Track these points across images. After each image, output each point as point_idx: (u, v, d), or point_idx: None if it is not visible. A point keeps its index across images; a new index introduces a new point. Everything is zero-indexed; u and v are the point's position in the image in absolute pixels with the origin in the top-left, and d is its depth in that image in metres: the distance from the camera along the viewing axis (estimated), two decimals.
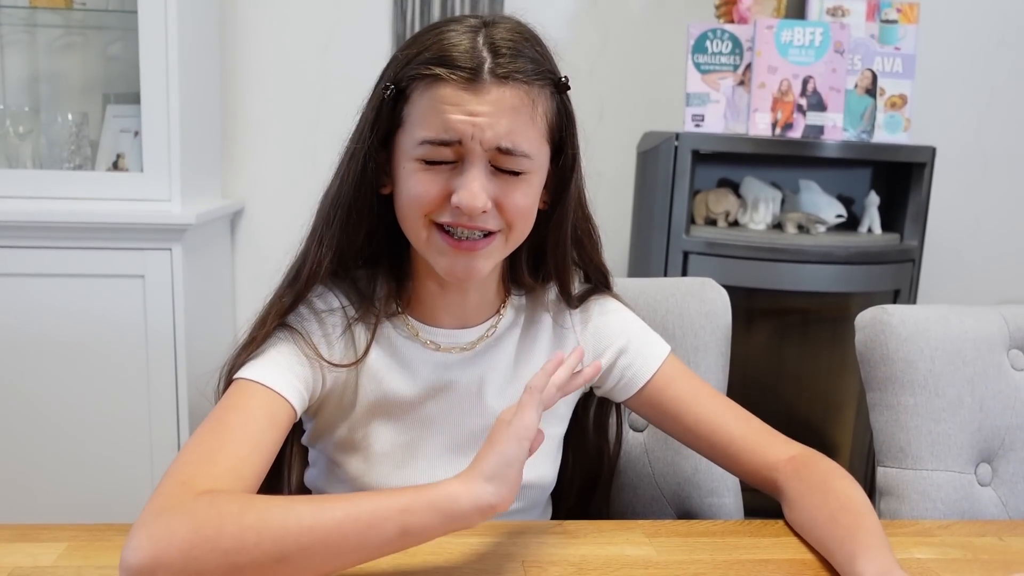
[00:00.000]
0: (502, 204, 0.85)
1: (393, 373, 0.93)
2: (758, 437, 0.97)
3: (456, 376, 0.95)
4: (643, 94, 2.43)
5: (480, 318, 0.96)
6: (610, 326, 1.01)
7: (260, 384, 0.84)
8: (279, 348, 0.88)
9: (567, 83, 0.88)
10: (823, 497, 0.88)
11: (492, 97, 0.81)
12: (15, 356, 1.95)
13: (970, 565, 0.87)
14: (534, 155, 0.85)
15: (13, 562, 0.79)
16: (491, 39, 0.83)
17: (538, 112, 0.85)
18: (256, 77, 2.37)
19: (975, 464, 1.07)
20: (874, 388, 1.07)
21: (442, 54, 0.82)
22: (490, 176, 0.84)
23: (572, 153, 0.91)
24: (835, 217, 2.10)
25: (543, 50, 0.87)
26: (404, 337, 0.94)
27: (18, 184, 1.97)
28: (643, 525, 0.93)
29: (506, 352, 0.97)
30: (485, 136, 0.82)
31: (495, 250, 0.88)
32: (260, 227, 2.41)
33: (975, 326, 1.09)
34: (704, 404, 0.98)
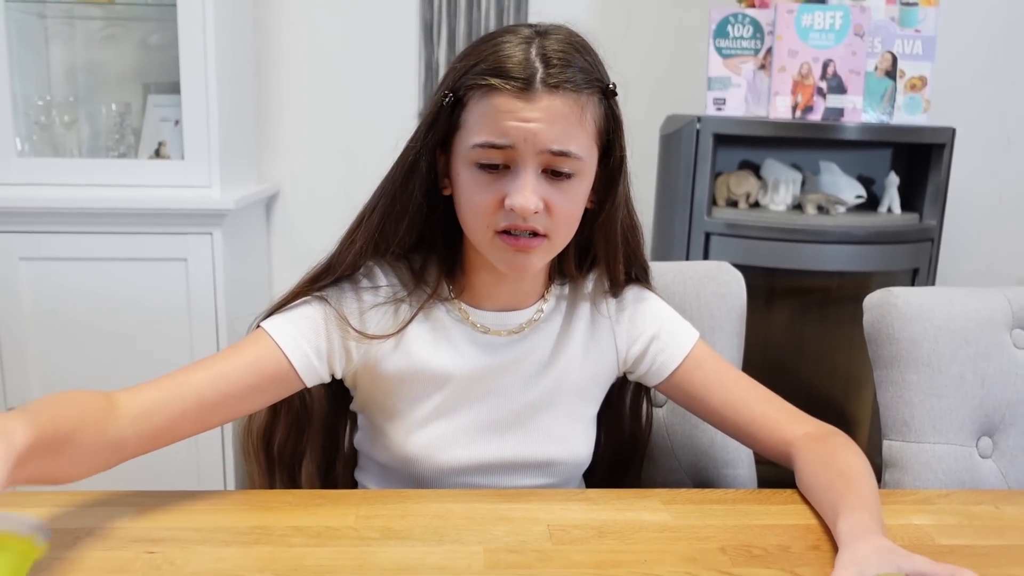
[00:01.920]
0: (551, 207, 0.91)
1: (436, 350, 1.01)
2: (778, 415, 1.03)
3: (500, 357, 1.02)
4: (666, 78, 2.48)
5: (526, 304, 1.04)
6: (644, 314, 1.07)
7: (267, 334, 0.95)
8: (302, 311, 0.97)
9: (615, 90, 0.94)
10: (825, 465, 0.95)
11: (544, 104, 0.88)
12: (65, 337, 2.06)
13: (965, 531, 0.93)
14: (584, 157, 0.91)
15: (91, 523, 0.88)
16: (543, 50, 0.89)
17: (587, 118, 0.91)
18: (288, 65, 2.45)
19: (976, 438, 1.13)
20: (880, 366, 1.13)
21: (497, 65, 0.89)
22: (541, 180, 0.91)
23: (620, 155, 0.97)
24: (855, 198, 2.14)
25: (592, 59, 0.93)
26: (454, 319, 1.02)
27: (65, 172, 2.06)
28: (660, 493, 1.00)
29: (547, 337, 1.04)
30: (537, 140, 0.88)
31: (544, 251, 0.95)
32: (294, 210, 2.50)
33: (979, 307, 1.14)
34: (729, 386, 1.05)
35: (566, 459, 1.05)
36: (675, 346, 1.06)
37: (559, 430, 1.04)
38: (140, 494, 0.95)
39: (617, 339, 1.07)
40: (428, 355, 1.01)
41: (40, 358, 2.06)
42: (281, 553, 0.83)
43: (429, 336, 1.01)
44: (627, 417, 1.16)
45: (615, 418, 1.16)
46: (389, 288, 1.01)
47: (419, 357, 1.00)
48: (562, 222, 0.93)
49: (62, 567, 0.79)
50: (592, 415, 1.09)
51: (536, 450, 1.04)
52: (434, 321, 1.02)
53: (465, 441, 1.02)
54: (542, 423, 1.04)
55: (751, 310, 1.25)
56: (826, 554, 0.86)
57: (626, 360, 1.08)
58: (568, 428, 1.05)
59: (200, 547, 0.84)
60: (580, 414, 1.06)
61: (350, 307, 0.99)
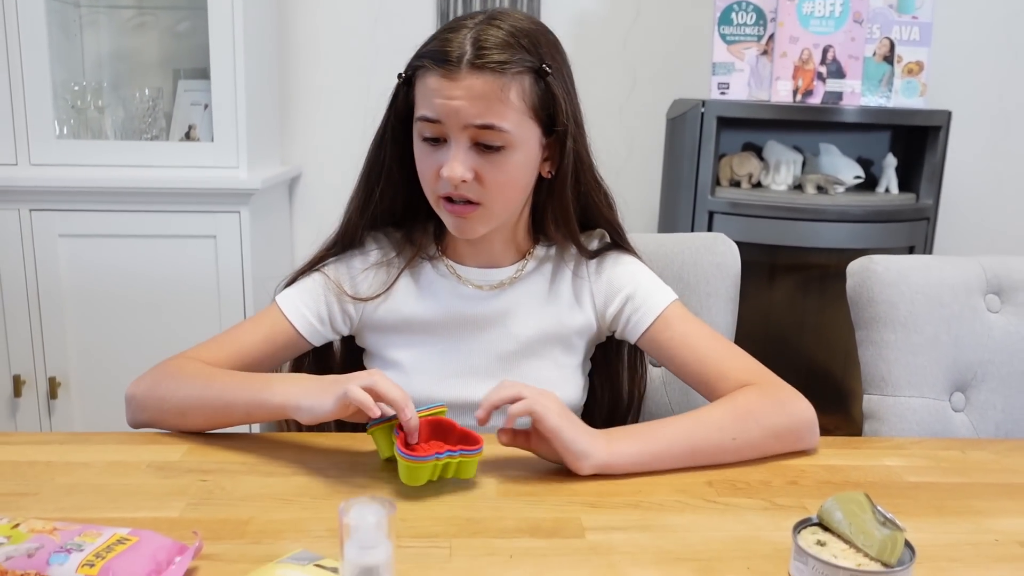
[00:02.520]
0: (481, 177, 1.02)
1: (423, 302, 1.13)
2: (741, 375, 1.08)
3: (484, 309, 1.13)
4: (672, 64, 2.57)
5: (507, 261, 1.15)
6: (620, 276, 1.16)
7: (277, 306, 1.13)
8: (305, 284, 1.14)
9: (547, 70, 1.02)
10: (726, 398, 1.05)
11: (466, 84, 0.99)
12: (102, 309, 2.17)
13: (932, 471, 1.03)
14: (511, 131, 1.01)
15: (149, 458, 0.99)
16: (480, 35, 1.00)
17: (511, 95, 1.00)
18: (311, 50, 2.56)
19: (949, 393, 1.23)
20: (861, 327, 1.23)
21: (435, 49, 1.01)
22: (472, 152, 1.02)
23: (563, 129, 1.05)
24: (853, 178, 2.23)
25: (533, 43, 1.02)
26: (440, 275, 1.14)
27: (101, 154, 2.18)
28: None
29: (530, 293, 1.15)
30: (460, 116, 0.99)
31: (482, 217, 1.06)
32: (316, 191, 2.61)
33: (954, 273, 1.24)
34: (694, 345, 1.11)
35: None
36: (648, 307, 1.14)
37: (544, 377, 1.14)
38: (190, 436, 1.06)
39: (595, 299, 1.16)
40: (415, 307, 1.13)
41: (78, 329, 2.18)
42: (318, 483, 0.94)
43: (416, 291, 1.14)
44: (621, 373, 1.26)
45: (610, 374, 1.26)
46: (379, 252, 1.15)
47: (408, 310, 1.13)
48: (495, 191, 1.03)
49: (129, 492, 0.91)
50: (577, 365, 1.18)
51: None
52: (421, 277, 1.15)
53: (457, 385, 1.12)
54: (528, 371, 1.14)
55: (752, 287, 1.34)
56: (804, 488, 0.96)
57: (605, 318, 1.17)
58: (552, 375, 1.15)
59: (246, 477, 0.95)
60: (564, 363, 1.16)
61: (344, 274, 1.14)
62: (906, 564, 0.73)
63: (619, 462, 0.96)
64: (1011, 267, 1.26)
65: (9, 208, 2.10)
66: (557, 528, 0.85)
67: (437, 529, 0.84)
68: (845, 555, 0.74)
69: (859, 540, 0.75)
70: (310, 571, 0.71)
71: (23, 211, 2.11)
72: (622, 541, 0.83)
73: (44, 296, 2.15)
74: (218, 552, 0.79)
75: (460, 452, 0.91)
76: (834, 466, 1.03)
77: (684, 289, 1.31)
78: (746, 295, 1.39)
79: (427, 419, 0.95)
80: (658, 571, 0.77)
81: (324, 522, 0.85)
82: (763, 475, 0.99)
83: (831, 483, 0.98)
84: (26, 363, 2.18)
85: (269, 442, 1.06)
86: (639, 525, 0.86)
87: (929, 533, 0.86)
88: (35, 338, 2.17)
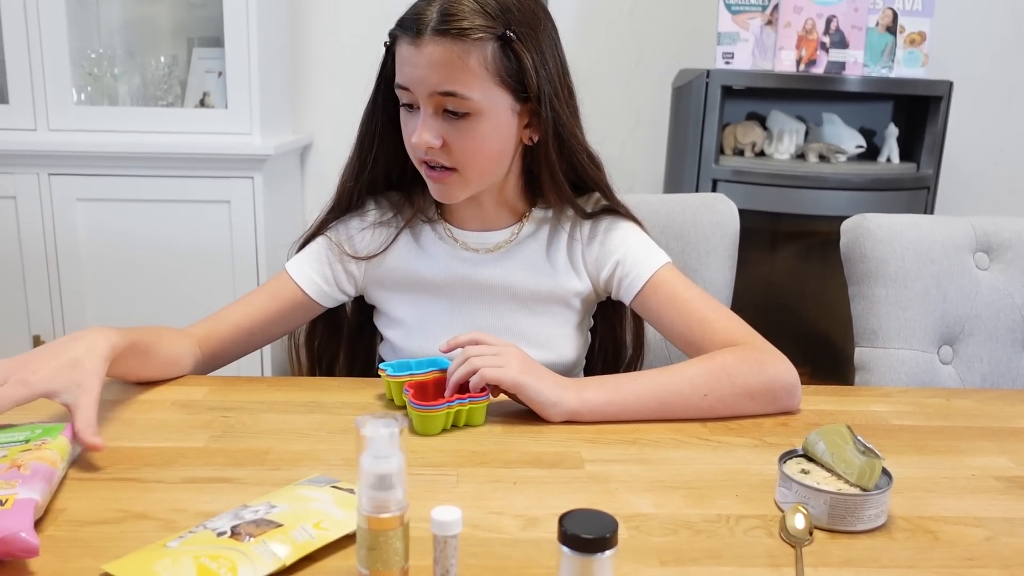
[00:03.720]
0: (449, 143, 1.05)
1: (422, 262, 1.17)
2: (724, 337, 1.09)
3: (482, 271, 1.17)
4: (678, 34, 2.60)
5: (501, 224, 1.18)
6: (613, 240, 1.18)
7: (286, 272, 1.18)
8: (310, 248, 1.19)
9: (512, 37, 1.03)
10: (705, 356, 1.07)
11: (428, 51, 1.01)
12: (118, 271, 2.23)
13: (915, 416, 1.08)
14: (476, 99, 1.02)
15: (173, 396, 1.05)
16: (448, 3, 1.02)
17: (472, 62, 1.01)
18: (323, 19, 2.59)
19: (938, 346, 1.28)
20: (854, 282, 1.28)
21: (407, 16, 1.05)
22: (440, 119, 1.05)
23: (535, 95, 1.06)
24: (855, 148, 2.27)
25: (500, 9, 1.03)
26: (438, 236, 1.18)
27: (118, 120, 2.23)
28: None
29: (527, 256, 1.18)
30: (424, 84, 1.03)
31: (458, 183, 1.09)
32: (327, 159, 2.66)
33: (944, 232, 1.29)
34: (689, 308, 1.12)
35: (552, 362, 1.15)
36: (638, 271, 1.15)
37: (543, 337, 1.18)
38: (211, 379, 1.12)
39: (587, 262, 1.19)
40: (416, 266, 1.18)
41: (95, 291, 2.25)
42: (333, 419, 1.00)
43: (417, 250, 1.18)
44: (622, 330, 1.30)
45: (612, 331, 1.30)
46: (377, 212, 1.19)
47: (409, 268, 1.18)
48: (466, 157, 1.06)
49: (155, 425, 0.97)
50: (576, 323, 1.22)
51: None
52: (422, 238, 1.19)
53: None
54: (527, 329, 1.18)
55: (755, 254, 1.39)
56: (792, 428, 1.02)
57: (599, 282, 1.20)
58: (551, 333, 1.19)
59: (266, 414, 1.01)
60: (563, 322, 1.20)
61: (343, 235, 1.18)
62: (883, 489, 0.78)
63: (588, 409, 1.00)
64: (1000, 226, 1.30)
65: (29, 172, 2.16)
66: (558, 460, 0.90)
67: (445, 460, 0.90)
68: (827, 482, 0.80)
69: (840, 468, 0.81)
70: (327, 491, 0.77)
71: (42, 175, 2.16)
72: (619, 471, 0.88)
73: (63, 258, 2.21)
74: (240, 476, 0.84)
75: (469, 400, 0.97)
76: (822, 411, 1.08)
77: (684, 247, 1.36)
78: (748, 262, 1.43)
79: (437, 377, 1.01)
80: (653, 497, 0.83)
81: (339, 453, 0.91)
82: (755, 418, 1.04)
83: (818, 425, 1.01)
84: (45, 323, 2.24)
85: (285, 384, 1.12)
86: (636, 459, 0.92)
87: (909, 468, 0.91)
88: (54, 299, 2.23)
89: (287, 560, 0.67)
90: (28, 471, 0.75)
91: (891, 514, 0.80)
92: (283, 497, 0.75)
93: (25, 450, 0.80)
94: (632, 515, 0.79)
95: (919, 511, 0.82)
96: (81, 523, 0.75)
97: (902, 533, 0.77)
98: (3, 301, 2.23)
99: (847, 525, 0.76)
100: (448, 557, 0.65)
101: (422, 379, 1.01)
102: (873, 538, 0.76)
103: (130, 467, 0.85)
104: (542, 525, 0.77)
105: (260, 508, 0.73)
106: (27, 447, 0.81)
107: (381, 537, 0.63)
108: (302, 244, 1.21)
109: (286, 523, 0.70)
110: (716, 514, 0.80)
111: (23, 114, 2.18)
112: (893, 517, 0.80)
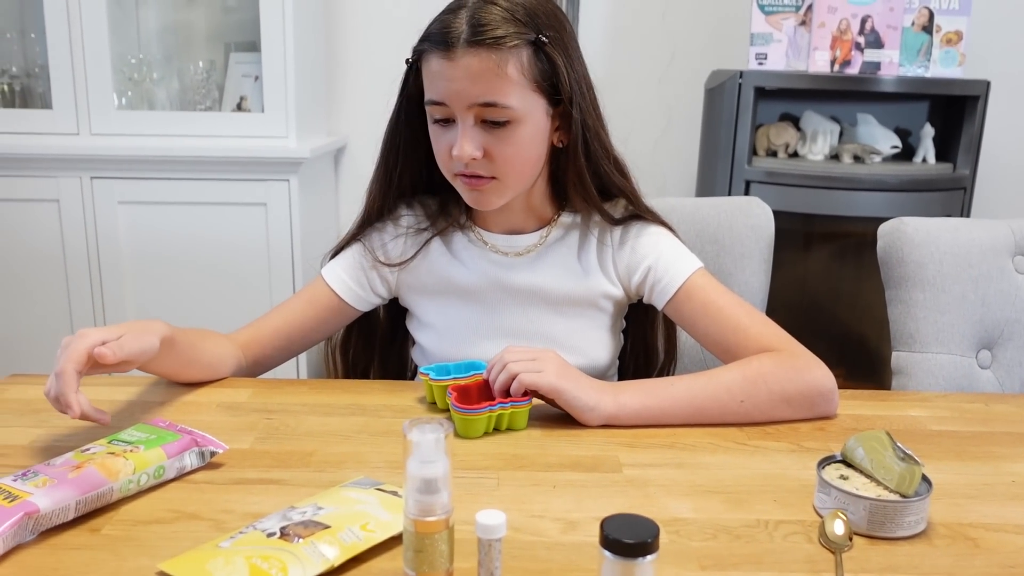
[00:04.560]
0: (491, 153, 1.06)
1: (454, 267, 1.19)
2: (760, 341, 1.09)
3: (512, 276, 1.18)
4: (711, 35, 2.59)
5: (529, 228, 1.19)
6: (644, 246, 1.18)
7: (322, 278, 1.20)
8: (345, 254, 1.21)
9: (545, 41, 1.03)
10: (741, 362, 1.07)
11: (464, 63, 1.01)
12: (158, 273, 2.28)
13: (955, 421, 1.08)
14: (514, 105, 1.03)
15: (218, 399, 1.07)
16: (475, 13, 1.02)
17: (509, 70, 1.02)
18: (357, 24, 2.62)
19: (976, 350, 1.27)
20: (891, 286, 1.28)
21: (434, 31, 1.05)
22: (479, 130, 1.05)
23: (567, 96, 1.06)
24: (890, 148, 2.25)
25: (528, 15, 1.03)
26: (469, 241, 1.20)
27: (157, 124, 2.27)
28: None
29: (558, 259, 1.19)
30: (463, 96, 1.03)
31: (496, 190, 1.09)
32: (360, 161, 2.68)
33: (983, 235, 1.28)
34: (714, 316, 1.12)
35: (584, 365, 1.16)
36: (670, 277, 1.15)
37: (575, 340, 1.19)
38: (254, 381, 1.15)
39: (617, 267, 1.19)
40: (447, 272, 1.19)
41: (136, 293, 2.29)
42: (375, 422, 1.02)
43: (447, 256, 1.20)
44: (654, 333, 1.30)
45: (643, 334, 1.30)
46: (411, 218, 1.21)
47: (440, 274, 1.19)
48: (506, 165, 1.07)
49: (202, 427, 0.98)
50: (607, 327, 1.22)
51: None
52: (453, 244, 1.20)
53: (491, 348, 1.15)
54: (557, 332, 1.19)
55: (788, 255, 1.38)
56: (830, 433, 1.02)
57: (630, 287, 1.20)
58: (583, 336, 1.20)
59: (308, 416, 1.03)
60: (594, 325, 1.21)
61: (377, 241, 1.21)
62: (923, 495, 0.78)
63: (625, 413, 1.01)
64: None
65: (72, 176, 2.21)
66: (596, 464, 0.91)
67: (486, 463, 0.91)
68: (866, 488, 0.80)
69: (879, 474, 0.81)
70: (372, 494, 0.79)
71: (84, 179, 2.21)
72: (657, 476, 0.89)
73: (104, 260, 2.26)
74: (286, 478, 0.86)
75: (511, 404, 0.98)
76: (860, 415, 1.08)
77: (719, 251, 1.36)
78: (781, 264, 1.42)
79: (480, 381, 1.03)
80: (691, 502, 0.84)
81: (382, 455, 0.92)
82: (792, 423, 1.05)
83: (857, 430, 1.02)
84: (87, 323, 2.29)
85: (326, 387, 1.14)
86: (673, 463, 0.92)
87: (948, 474, 0.91)
88: (95, 299, 2.28)
89: (336, 561, 0.68)
90: (76, 475, 0.78)
91: (931, 521, 0.80)
92: (329, 499, 0.77)
93: (111, 453, 0.82)
94: (671, 519, 0.80)
95: (959, 518, 0.82)
96: (135, 522, 0.77)
97: (942, 540, 0.78)
98: (47, 301, 2.28)
99: (887, 531, 0.77)
100: (492, 560, 0.66)
101: (465, 383, 1.02)
102: (913, 545, 0.77)
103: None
104: (582, 529, 0.78)
105: (307, 509, 0.75)
106: (113, 449, 0.83)
107: (427, 540, 0.65)
108: (336, 252, 1.23)
109: (333, 525, 0.72)
110: (755, 519, 0.80)
111: (66, 119, 2.23)
112: (933, 524, 0.80)
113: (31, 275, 2.27)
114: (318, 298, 1.20)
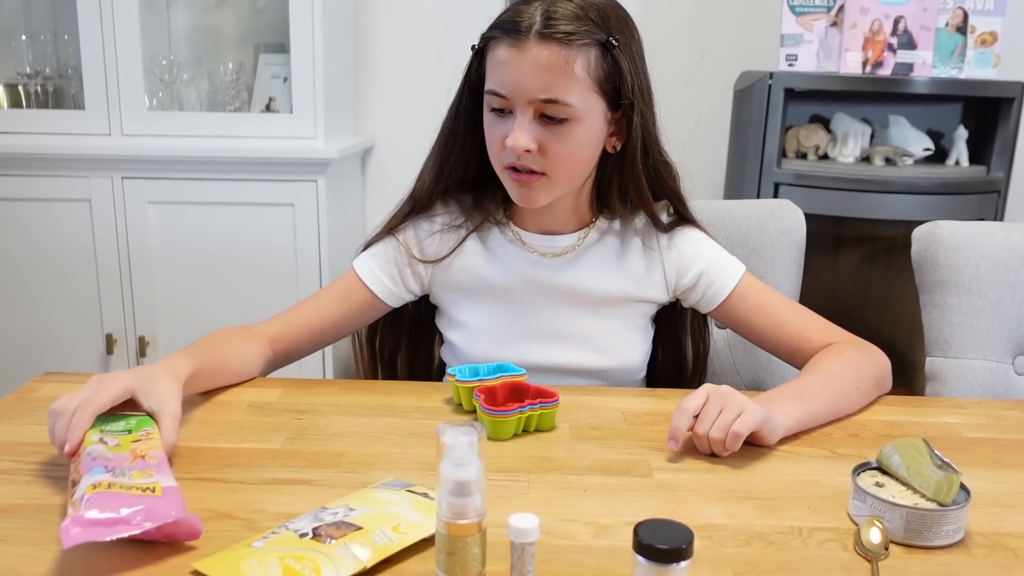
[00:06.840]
0: (545, 149, 1.05)
1: (489, 266, 1.18)
2: (814, 335, 1.14)
3: (549, 275, 1.18)
4: (740, 35, 2.57)
5: (568, 229, 1.19)
6: (693, 253, 1.19)
7: (354, 271, 1.20)
8: (378, 248, 1.21)
9: (614, 43, 1.04)
10: (813, 362, 1.10)
11: (532, 55, 1.01)
12: (187, 272, 2.29)
13: (991, 428, 1.06)
14: (576, 104, 1.03)
15: (248, 398, 1.08)
16: (550, 7, 1.02)
17: (576, 68, 1.02)
18: (384, 26, 2.63)
19: (1012, 356, 1.25)
20: (925, 291, 1.26)
21: (506, 19, 1.04)
22: (536, 124, 1.05)
23: (629, 102, 1.06)
24: (923, 150, 2.22)
25: (600, 16, 1.04)
26: (506, 239, 1.19)
27: (187, 125, 2.29)
28: None
29: (595, 261, 1.18)
30: (526, 90, 1.03)
31: (545, 187, 1.09)
32: (387, 162, 2.69)
33: (1019, 239, 1.26)
34: (770, 313, 1.17)
35: (615, 367, 1.20)
36: (721, 281, 1.18)
37: (608, 342, 1.19)
38: (284, 381, 1.15)
39: (666, 271, 1.19)
40: (482, 270, 1.18)
41: (165, 291, 2.31)
42: (404, 423, 1.02)
43: (483, 254, 1.19)
44: (685, 336, 1.30)
45: (674, 337, 1.30)
46: (447, 215, 1.20)
47: (475, 272, 1.19)
48: (559, 163, 1.06)
49: (233, 427, 0.99)
50: (641, 328, 1.22)
51: (586, 357, 1.19)
52: (489, 241, 1.20)
53: (522, 348, 1.18)
54: (591, 333, 1.19)
55: (818, 258, 1.37)
56: (864, 440, 1.01)
57: (676, 289, 1.20)
58: (616, 339, 1.20)
59: (338, 417, 1.03)
60: (628, 326, 1.20)
61: (412, 237, 1.20)
62: (961, 504, 0.77)
63: (794, 422, 0.99)
64: None
65: (103, 176, 2.23)
66: (627, 468, 0.91)
67: (517, 466, 0.91)
68: (902, 496, 0.79)
69: (916, 482, 0.80)
70: (403, 495, 0.79)
71: (116, 179, 2.23)
72: (688, 480, 0.88)
73: (135, 259, 2.28)
74: (317, 478, 0.87)
75: (540, 405, 0.98)
76: (894, 421, 1.07)
77: (750, 254, 1.35)
78: (811, 267, 1.42)
79: (506, 383, 1.02)
80: (723, 507, 0.83)
81: (412, 456, 0.92)
82: (825, 428, 1.04)
83: (891, 436, 1.01)
84: (117, 322, 2.31)
85: (355, 388, 1.14)
86: (705, 468, 0.92)
87: (986, 482, 0.89)
88: (126, 299, 2.30)
89: (368, 563, 0.68)
90: (154, 460, 0.79)
91: (969, 530, 0.78)
92: (361, 500, 0.77)
93: (136, 440, 0.83)
94: (704, 525, 0.79)
95: (998, 527, 0.80)
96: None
97: (981, 550, 0.76)
98: (78, 300, 2.31)
99: (924, 540, 0.75)
100: (525, 564, 0.66)
101: (492, 384, 1.02)
102: (951, 554, 0.75)
103: (212, 467, 0.88)
104: (614, 533, 0.77)
105: (339, 510, 0.75)
106: (136, 437, 0.84)
107: (460, 543, 0.64)
108: (370, 243, 1.23)
109: (365, 526, 0.72)
110: (788, 526, 0.80)
111: (98, 120, 2.26)
112: (971, 533, 0.78)
113: (63, 274, 2.30)
114: (351, 294, 1.20)
